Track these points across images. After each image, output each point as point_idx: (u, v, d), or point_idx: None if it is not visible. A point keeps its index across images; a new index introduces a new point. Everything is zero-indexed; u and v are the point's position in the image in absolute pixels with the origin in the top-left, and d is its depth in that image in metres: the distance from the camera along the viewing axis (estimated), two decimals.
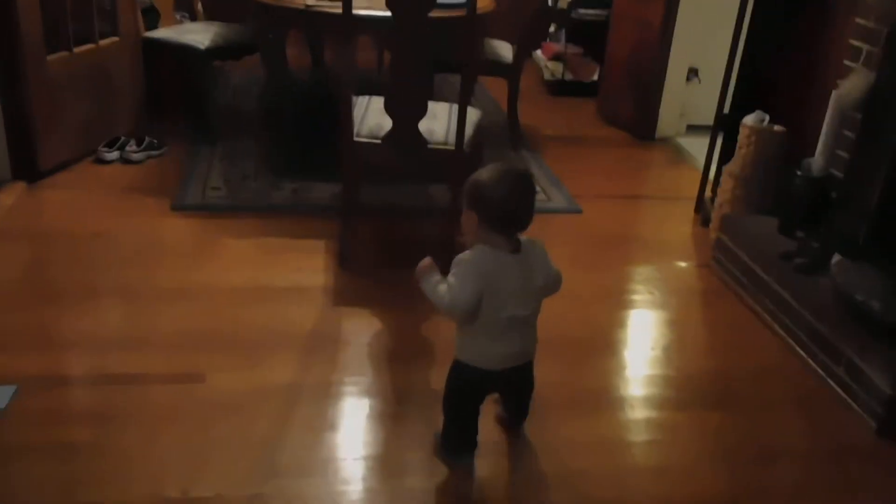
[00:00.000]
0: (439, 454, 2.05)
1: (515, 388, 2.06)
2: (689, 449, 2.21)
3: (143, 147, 3.84)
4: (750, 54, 3.44)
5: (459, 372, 1.97)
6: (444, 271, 1.92)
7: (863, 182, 2.63)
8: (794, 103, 3.29)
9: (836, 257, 2.57)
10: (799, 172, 2.94)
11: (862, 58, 2.80)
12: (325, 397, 2.28)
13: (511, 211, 1.83)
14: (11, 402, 2.14)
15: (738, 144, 3.23)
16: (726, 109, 3.53)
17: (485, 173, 1.86)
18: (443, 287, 1.85)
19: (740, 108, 3.36)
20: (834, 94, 2.85)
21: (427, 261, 1.92)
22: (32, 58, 3.34)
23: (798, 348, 2.65)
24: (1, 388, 2.18)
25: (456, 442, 2.05)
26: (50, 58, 3.46)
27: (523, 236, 1.92)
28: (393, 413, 2.25)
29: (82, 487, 1.89)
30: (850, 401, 2.40)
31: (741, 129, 3.21)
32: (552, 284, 2.00)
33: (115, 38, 3.91)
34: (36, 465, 1.95)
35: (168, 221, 3.27)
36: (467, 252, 1.87)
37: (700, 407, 2.39)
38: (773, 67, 3.41)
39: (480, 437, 2.09)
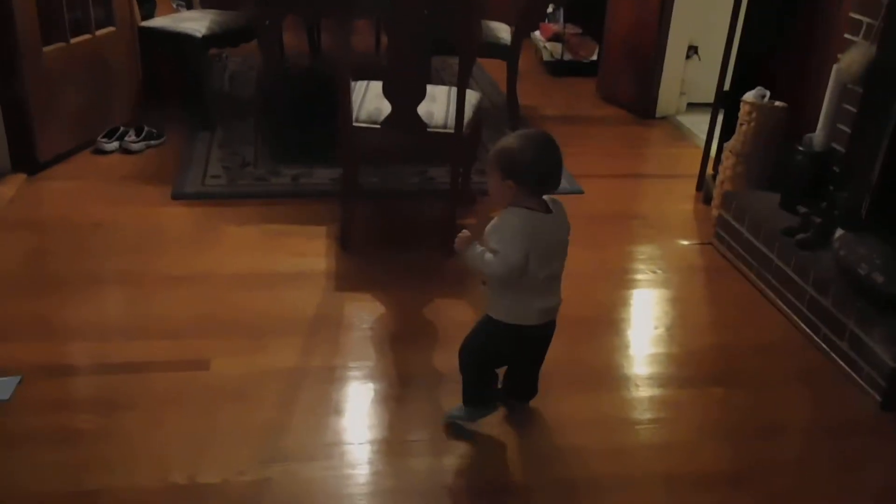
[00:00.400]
0: (464, 415, 2.09)
1: (537, 348, 2.09)
2: (692, 425, 2.21)
3: (141, 137, 3.84)
4: (749, 30, 3.42)
5: (497, 331, 1.99)
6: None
7: (864, 156, 2.62)
8: (794, 79, 3.27)
9: (839, 231, 2.57)
10: (800, 148, 2.93)
11: (862, 31, 2.78)
12: (329, 381, 2.29)
13: (545, 172, 1.90)
14: (16, 391, 2.15)
15: (738, 121, 3.22)
16: (727, 86, 3.51)
17: (512, 141, 1.90)
18: (489, 255, 1.89)
19: (740, 85, 3.34)
20: (834, 68, 2.83)
21: (465, 233, 1.97)
22: (29, 49, 3.33)
23: (801, 323, 2.65)
24: (5, 378, 2.19)
25: (476, 395, 2.08)
26: (46, 49, 3.45)
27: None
28: (397, 395, 2.25)
29: (89, 474, 1.90)
30: (853, 374, 2.40)
31: (742, 106, 3.19)
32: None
33: (112, 28, 3.90)
34: (42, 452, 1.96)
35: (168, 210, 3.27)
36: (505, 215, 1.90)
37: (703, 383, 2.39)
38: (773, 43, 3.39)
39: (478, 427, 2.11)
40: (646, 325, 2.70)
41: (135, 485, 1.88)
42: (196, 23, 4.09)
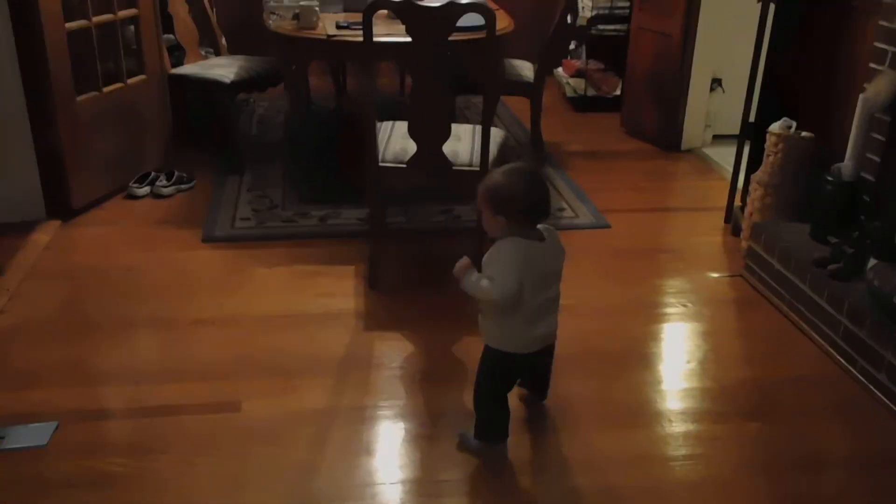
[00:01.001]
0: (474, 446, 2.13)
1: (544, 366, 2.19)
2: (728, 461, 2.17)
3: (172, 181, 3.90)
4: (773, 61, 3.42)
5: (497, 360, 2.05)
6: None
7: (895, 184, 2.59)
8: (820, 108, 3.26)
9: (872, 261, 2.54)
10: (829, 178, 2.91)
11: (888, 60, 2.77)
12: (359, 421, 2.29)
13: (535, 203, 1.97)
14: (52, 437, 2.17)
15: (765, 152, 3.20)
16: (752, 118, 3.50)
17: (500, 177, 1.99)
18: (485, 282, 1.95)
19: (766, 116, 3.34)
20: (861, 97, 2.82)
21: (465, 260, 2.02)
22: (62, 99, 3.41)
23: (837, 355, 2.61)
24: (43, 425, 2.21)
25: (494, 429, 2.12)
26: (79, 98, 3.54)
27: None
28: (428, 435, 2.24)
29: None
30: (892, 406, 2.35)
31: (768, 137, 3.18)
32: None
33: (143, 77, 3.98)
34: (77, 497, 1.97)
35: (199, 253, 3.31)
36: (500, 245, 1.96)
37: (738, 418, 2.35)
38: (798, 73, 3.39)
39: (509, 453, 2.12)
40: (678, 359, 2.67)
41: None
42: (224, 69, 4.18)
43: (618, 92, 5.41)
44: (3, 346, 2.62)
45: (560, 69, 5.85)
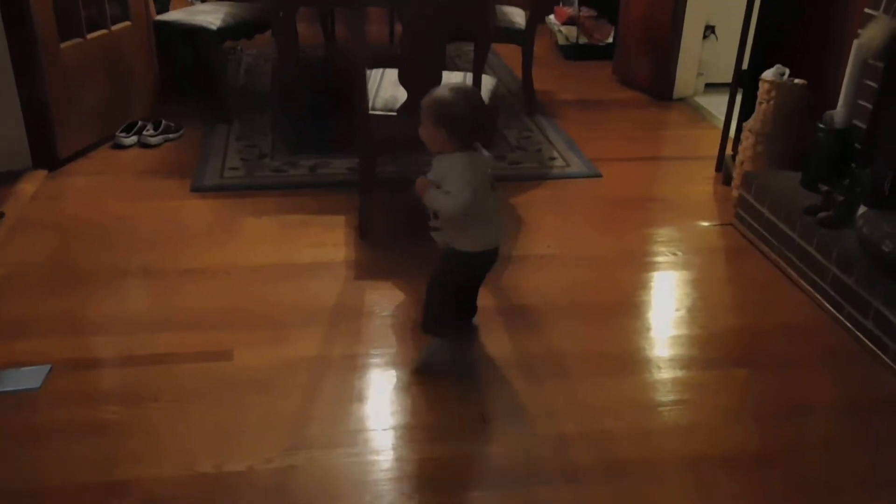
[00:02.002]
0: (429, 331, 2.30)
1: (490, 267, 2.31)
2: (716, 407, 2.20)
3: (159, 130, 3.86)
4: (767, 8, 3.38)
5: (461, 260, 2.21)
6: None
7: (887, 132, 2.58)
8: (813, 56, 3.23)
9: (862, 209, 2.54)
10: (821, 125, 2.90)
11: (882, 5, 2.74)
12: (351, 369, 2.30)
13: (479, 125, 2.17)
14: (44, 383, 2.17)
15: (758, 100, 3.18)
16: (745, 65, 3.47)
17: (448, 94, 2.12)
18: (444, 196, 2.11)
19: (759, 64, 3.31)
20: (855, 43, 2.79)
21: (424, 179, 2.16)
22: (46, 46, 3.35)
23: (825, 302, 2.62)
24: (36, 368, 2.22)
25: (448, 323, 2.31)
26: (63, 45, 3.47)
27: None
28: (419, 381, 2.25)
29: (116, 465, 1.92)
30: (879, 353, 2.38)
31: (761, 85, 3.16)
32: None
33: (128, 23, 3.91)
34: (70, 444, 1.98)
35: (188, 203, 3.28)
36: (446, 160, 2.12)
37: (727, 365, 2.38)
38: (791, 20, 3.35)
39: (498, 402, 2.14)
40: (667, 307, 2.68)
41: (162, 475, 1.89)
42: (211, 15, 4.10)
43: (610, 40, 5.35)
44: None
45: (552, 16, 5.78)
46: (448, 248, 2.21)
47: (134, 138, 3.82)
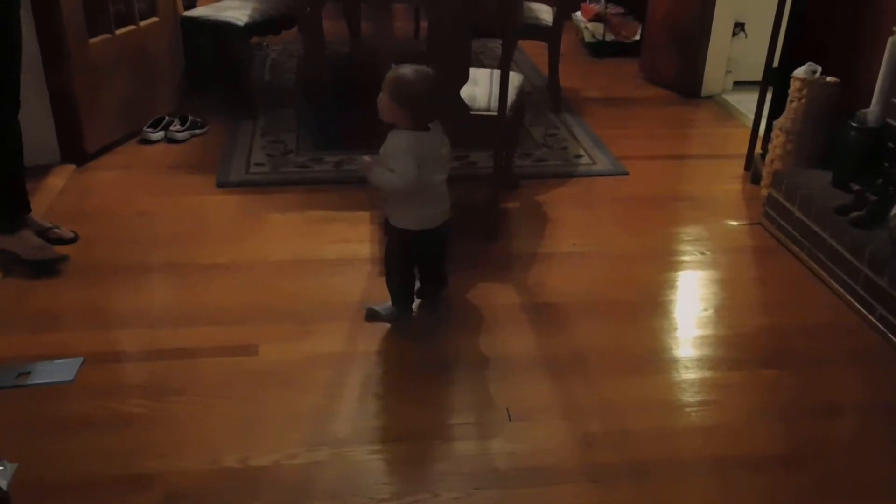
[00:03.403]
0: (386, 313, 2.45)
1: (439, 246, 2.42)
2: (743, 408, 2.17)
3: (186, 126, 3.88)
4: (799, 4, 3.33)
5: (401, 237, 2.36)
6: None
7: None
8: (846, 53, 3.18)
9: (895, 209, 2.49)
10: (854, 124, 2.85)
11: None
12: (375, 365, 2.29)
13: (435, 109, 2.27)
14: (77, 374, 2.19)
15: (788, 98, 3.14)
16: (776, 63, 3.43)
17: (410, 74, 2.22)
18: (388, 174, 2.24)
19: (790, 61, 3.26)
20: (890, 40, 2.75)
21: (367, 159, 2.31)
22: (75, 42, 3.37)
23: (855, 303, 2.58)
24: (69, 360, 2.23)
25: (404, 295, 2.45)
26: (92, 41, 3.49)
27: None
28: (443, 379, 2.25)
29: (142, 458, 1.93)
30: None
31: (792, 82, 3.11)
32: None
33: (155, 19, 3.93)
34: (97, 437, 2.00)
35: (214, 198, 3.30)
36: (393, 138, 2.25)
37: (754, 366, 2.34)
38: (824, 17, 3.30)
39: (523, 401, 2.13)
40: (694, 306, 2.65)
41: (188, 468, 1.90)
42: (237, 11, 4.11)
43: (637, 37, 5.31)
44: (21, 289, 2.63)
45: (578, 13, 5.74)
46: (388, 223, 2.37)
47: (161, 133, 3.84)
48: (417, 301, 2.51)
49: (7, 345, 2.33)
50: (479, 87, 2.96)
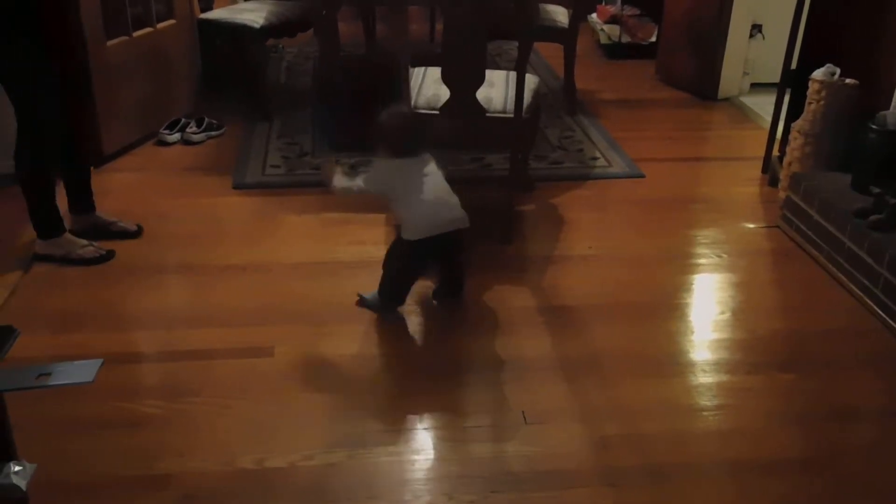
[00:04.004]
0: (374, 303, 2.52)
1: (451, 262, 2.52)
2: (760, 412, 2.16)
3: (202, 128, 3.90)
4: (817, 5, 3.31)
5: (399, 245, 2.47)
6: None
7: None
8: (865, 55, 3.15)
9: None
10: (873, 126, 2.83)
11: None
12: (390, 367, 2.29)
13: (402, 144, 2.44)
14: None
15: (807, 100, 3.12)
16: (793, 65, 3.41)
17: (383, 115, 2.46)
18: (347, 180, 2.53)
19: (808, 63, 3.24)
20: None
21: (329, 163, 2.63)
22: (93, 44, 3.39)
23: (874, 306, 2.56)
24: (89, 361, 2.23)
25: (390, 294, 2.50)
26: (110, 43, 3.52)
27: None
28: (458, 381, 2.25)
29: (159, 459, 1.94)
30: None
31: (810, 84, 3.09)
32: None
33: (172, 21, 3.96)
34: (114, 437, 2.01)
35: (230, 200, 3.31)
36: (378, 160, 2.50)
37: (771, 369, 2.33)
38: (842, 18, 3.27)
39: (538, 403, 2.13)
40: (711, 309, 2.64)
41: (204, 469, 1.91)
42: (254, 13, 4.13)
43: (653, 39, 5.29)
44: (38, 290, 2.65)
45: (594, 15, 5.73)
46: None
47: (177, 135, 3.86)
48: (435, 301, 2.54)
49: (27, 345, 2.34)
50: (495, 90, 2.96)
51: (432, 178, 2.45)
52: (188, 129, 3.87)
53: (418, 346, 2.39)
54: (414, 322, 2.51)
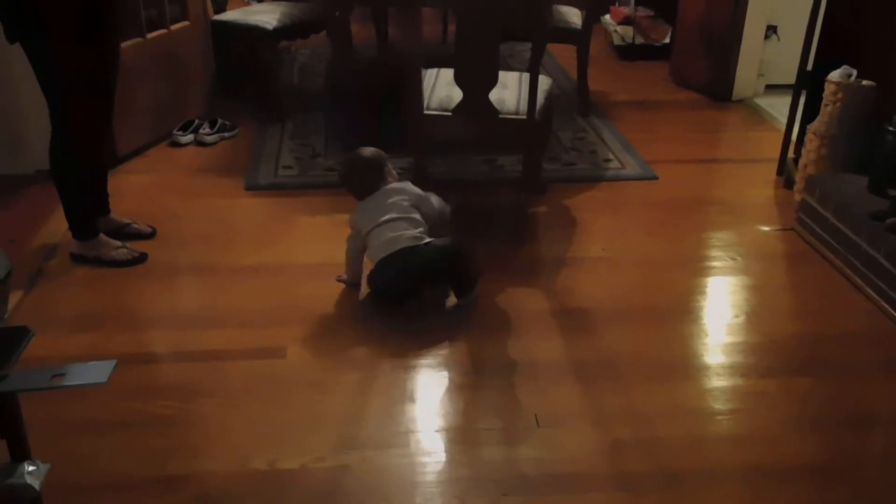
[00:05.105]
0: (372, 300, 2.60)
1: (448, 269, 2.56)
2: (775, 416, 2.14)
3: (215, 129, 3.91)
4: (833, 6, 3.28)
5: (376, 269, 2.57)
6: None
7: None
8: (882, 56, 3.12)
9: None
10: (890, 128, 2.80)
11: None
12: (403, 369, 2.29)
13: (354, 187, 2.66)
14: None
15: (823, 102, 3.09)
16: (809, 66, 3.38)
17: (340, 166, 2.70)
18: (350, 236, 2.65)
19: (824, 65, 3.22)
20: None
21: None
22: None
23: (891, 310, 2.53)
24: (102, 362, 2.23)
25: (391, 302, 2.57)
26: (124, 45, 3.52)
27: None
28: (471, 384, 2.24)
29: (172, 460, 1.94)
30: None
31: (826, 86, 3.07)
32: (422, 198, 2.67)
33: (186, 23, 3.97)
34: (127, 438, 2.01)
35: (242, 201, 3.32)
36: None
37: (786, 373, 2.31)
38: (858, 19, 3.24)
39: (551, 407, 2.11)
40: (725, 313, 2.62)
41: (217, 470, 1.91)
42: (267, 15, 4.14)
43: (667, 40, 5.27)
44: (51, 291, 2.67)
45: (607, 16, 5.71)
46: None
47: (190, 137, 3.87)
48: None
49: (42, 346, 2.35)
50: (508, 91, 2.95)
51: (388, 207, 2.56)
52: (201, 131, 3.88)
53: (431, 348, 2.39)
54: (427, 324, 2.51)
